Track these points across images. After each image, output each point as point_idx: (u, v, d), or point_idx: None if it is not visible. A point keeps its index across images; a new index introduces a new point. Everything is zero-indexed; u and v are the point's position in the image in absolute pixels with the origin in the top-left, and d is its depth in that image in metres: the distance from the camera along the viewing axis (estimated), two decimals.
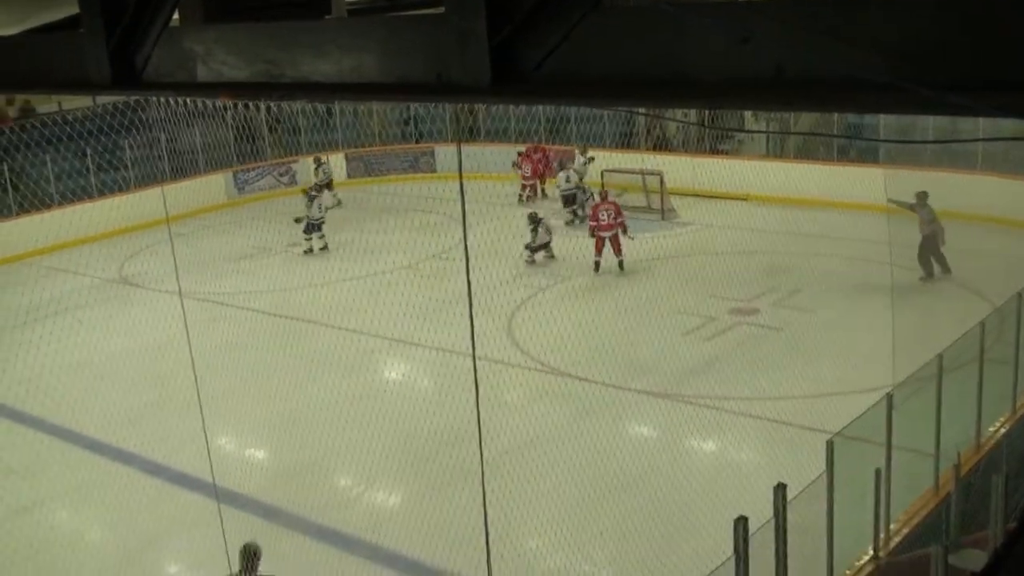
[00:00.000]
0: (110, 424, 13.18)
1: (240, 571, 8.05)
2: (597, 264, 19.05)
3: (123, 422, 13.21)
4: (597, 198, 20.21)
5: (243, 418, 13.12)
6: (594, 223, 19.15)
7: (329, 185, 26.46)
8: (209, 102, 22.59)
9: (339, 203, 26.12)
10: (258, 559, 8.13)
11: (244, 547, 8.19)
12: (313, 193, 22.43)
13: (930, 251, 17.25)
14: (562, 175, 23.28)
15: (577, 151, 25.55)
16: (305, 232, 21.85)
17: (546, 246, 19.96)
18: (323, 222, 22.03)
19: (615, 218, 18.98)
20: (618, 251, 18.97)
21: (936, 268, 17.26)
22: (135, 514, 11.07)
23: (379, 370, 15.28)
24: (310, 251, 21.78)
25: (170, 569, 10.35)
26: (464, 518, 9.40)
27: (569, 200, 23.02)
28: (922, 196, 17.30)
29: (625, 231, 19.13)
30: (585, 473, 10.91)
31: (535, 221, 19.91)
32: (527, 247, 19.74)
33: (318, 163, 26.75)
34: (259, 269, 20.70)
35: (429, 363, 15.09)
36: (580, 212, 22.57)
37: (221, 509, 8.87)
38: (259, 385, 14.06)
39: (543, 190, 25.70)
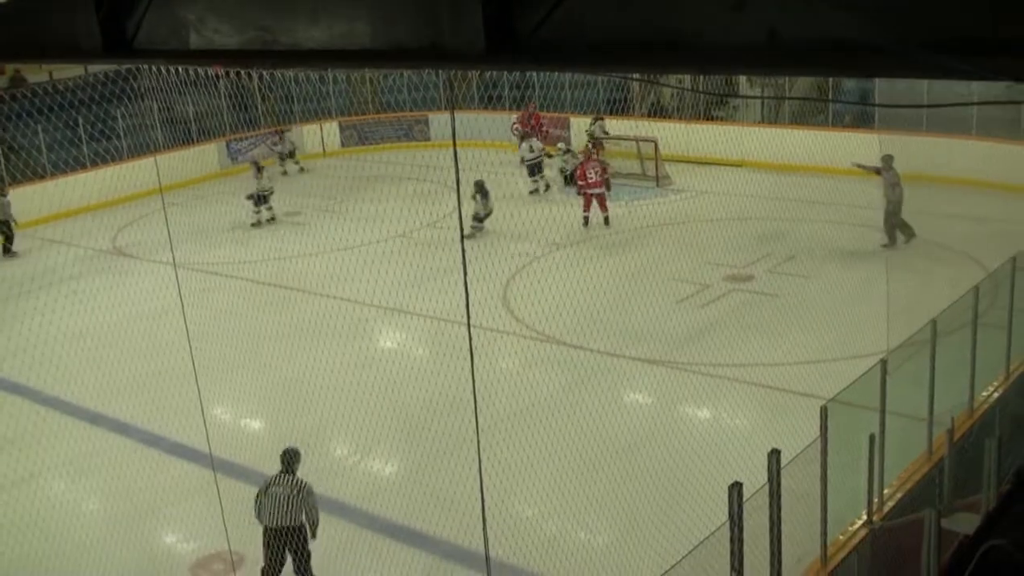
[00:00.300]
0: (107, 394, 13.19)
1: (280, 472, 8.94)
2: (586, 219, 19.78)
3: (119, 392, 13.22)
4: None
5: (239, 388, 13.14)
6: (582, 182, 19.87)
7: (292, 154, 26.57)
8: (202, 70, 22.42)
9: (301, 171, 26.35)
10: (297, 461, 9.02)
11: (284, 451, 9.06)
12: (260, 164, 22.30)
13: (893, 216, 17.24)
14: (525, 145, 22.92)
15: (568, 118, 25.42)
16: (255, 204, 21.58)
17: (484, 217, 19.50)
18: (271, 193, 21.84)
19: (602, 175, 19.76)
20: (604, 207, 19.75)
21: (899, 236, 17.24)
22: (132, 484, 11.10)
23: (374, 339, 15.29)
24: (258, 224, 21.51)
25: (167, 538, 10.39)
26: (460, 486, 9.46)
27: (533, 169, 22.75)
28: (888, 159, 17.24)
29: (609, 188, 19.91)
30: (580, 440, 10.93)
31: (481, 190, 19.45)
32: (475, 217, 19.36)
33: (281, 134, 26.75)
34: (253, 238, 20.68)
35: (424, 332, 15.11)
36: (570, 179, 22.55)
37: (217, 478, 8.91)
38: (255, 355, 14.09)
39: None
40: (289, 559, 8.92)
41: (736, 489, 6.55)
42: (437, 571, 9.34)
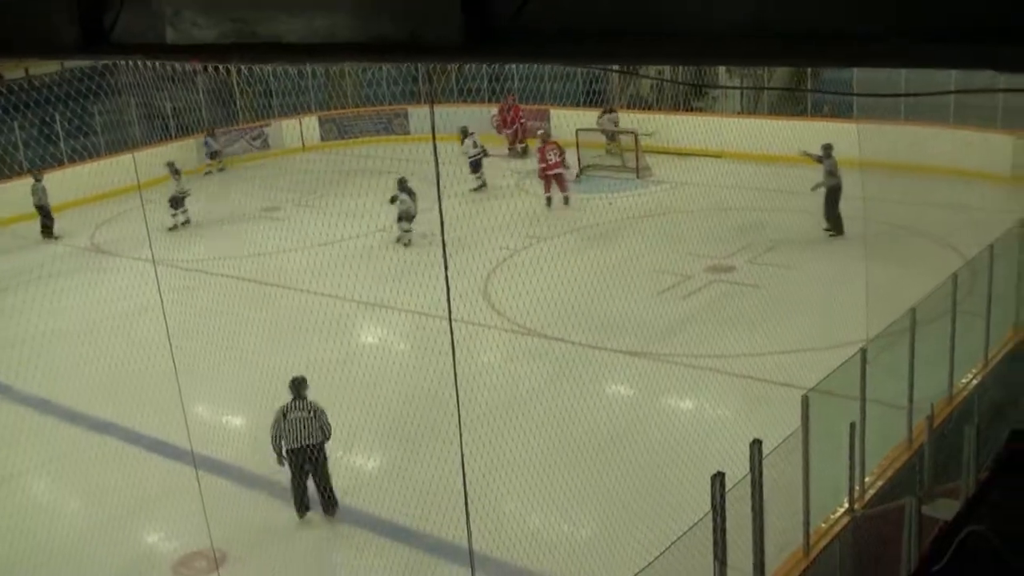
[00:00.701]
0: (86, 393, 13.09)
1: (293, 399, 9.97)
2: (548, 200, 20.76)
3: (99, 391, 13.12)
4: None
5: (220, 385, 13.08)
6: (543, 164, 20.74)
7: (216, 155, 26.42)
8: (179, 65, 22.26)
9: (221, 170, 26.43)
10: (306, 387, 10.10)
11: (293, 379, 10.11)
12: (177, 168, 21.87)
13: (830, 204, 17.40)
14: (468, 141, 22.57)
15: (548, 110, 25.42)
16: (172, 207, 21.21)
17: (409, 218, 18.60)
18: (187, 196, 21.51)
19: (560, 156, 20.63)
20: (563, 188, 20.73)
21: (828, 224, 17.44)
22: (113, 483, 11.01)
23: (355, 334, 15.22)
24: (175, 227, 21.10)
25: (149, 537, 10.33)
26: (442, 480, 9.45)
27: (475, 166, 22.45)
28: (827, 148, 17.55)
29: (567, 167, 21.04)
30: (563, 433, 10.93)
31: (405, 188, 18.62)
32: (401, 218, 18.60)
33: (211, 133, 26.58)
34: (233, 234, 20.54)
35: (405, 327, 15.07)
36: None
37: (199, 476, 8.87)
38: (235, 351, 13.97)
39: (516, 149, 25.60)
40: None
41: (718, 479, 6.58)
42: (420, 565, 9.33)
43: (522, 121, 25.80)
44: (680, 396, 12.28)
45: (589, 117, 24.61)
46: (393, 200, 18.62)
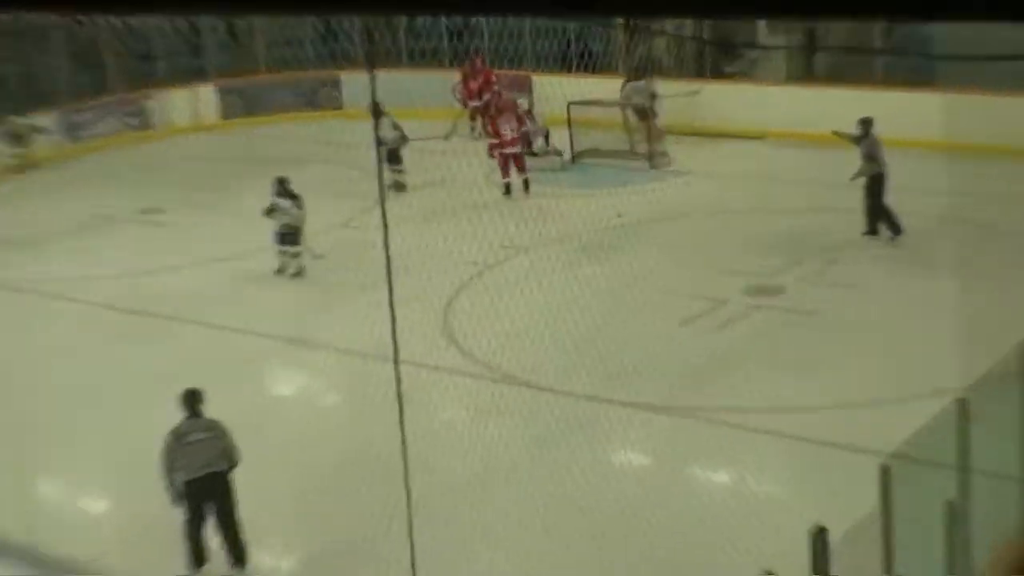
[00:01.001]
0: None
1: (187, 417, 10.48)
2: (507, 186, 21.44)
3: None
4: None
5: (76, 456, 12.88)
6: (496, 140, 21.47)
7: (21, 140, 25.85)
8: (28, 18, 22.22)
9: (35, 165, 25.70)
10: (201, 401, 10.57)
11: (185, 392, 10.57)
12: None
13: (872, 198, 17.65)
14: (387, 121, 21.59)
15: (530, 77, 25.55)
16: None
17: (294, 236, 18.13)
18: None
19: (518, 129, 21.48)
20: (521, 168, 21.54)
21: (878, 224, 17.63)
22: None
23: (266, 382, 15.20)
24: None
25: None
26: None
27: (393, 156, 22.02)
28: (866, 124, 17.84)
29: (530, 145, 22.16)
30: (553, 517, 10.87)
31: (285, 191, 18.16)
32: (282, 238, 18.10)
33: (16, 110, 26.18)
34: (100, 246, 20.48)
35: (336, 371, 14.99)
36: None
37: None
38: (99, 407, 13.80)
39: (485, 127, 25.50)
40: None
41: None
42: None
43: (495, 90, 25.75)
44: (713, 466, 12.31)
45: (585, 86, 24.54)
46: (270, 211, 18.05)
